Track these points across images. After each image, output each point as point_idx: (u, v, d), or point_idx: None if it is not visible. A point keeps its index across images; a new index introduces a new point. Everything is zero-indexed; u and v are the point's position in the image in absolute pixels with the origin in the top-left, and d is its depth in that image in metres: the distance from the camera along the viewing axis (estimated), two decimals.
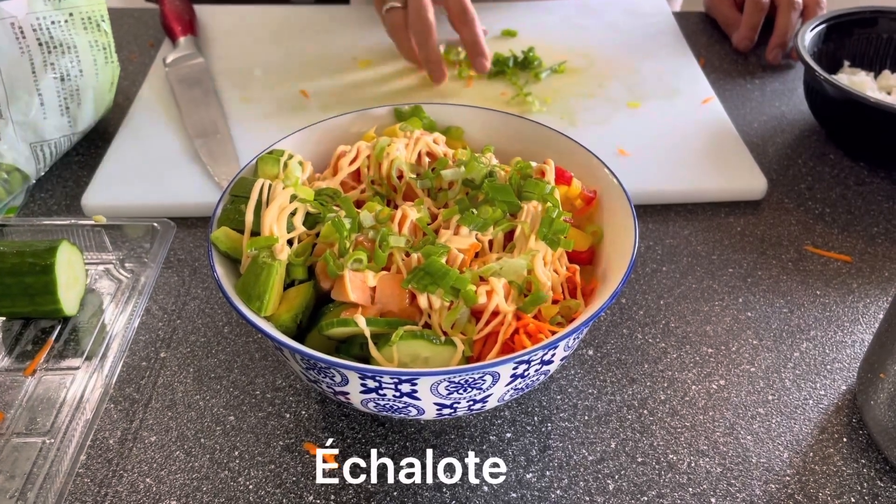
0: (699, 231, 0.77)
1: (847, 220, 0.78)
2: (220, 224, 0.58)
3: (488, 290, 0.52)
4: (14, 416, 0.59)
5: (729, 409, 0.61)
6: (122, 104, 0.94)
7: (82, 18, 0.80)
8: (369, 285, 0.53)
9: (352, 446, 0.58)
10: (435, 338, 0.51)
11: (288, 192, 0.56)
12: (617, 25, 1.08)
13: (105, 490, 0.55)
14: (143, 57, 1.06)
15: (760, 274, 0.72)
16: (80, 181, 0.84)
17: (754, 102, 0.96)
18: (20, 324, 0.66)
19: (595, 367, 0.64)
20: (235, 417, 0.60)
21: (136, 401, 0.61)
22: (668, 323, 0.68)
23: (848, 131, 0.85)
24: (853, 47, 0.93)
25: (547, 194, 0.58)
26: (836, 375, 0.63)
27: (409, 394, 0.50)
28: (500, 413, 0.60)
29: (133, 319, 0.65)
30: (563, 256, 0.57)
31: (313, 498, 0.55)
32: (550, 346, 0.49)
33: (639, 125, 0.89)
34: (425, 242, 0.56)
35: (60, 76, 0.80)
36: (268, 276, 0.52)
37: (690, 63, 1.00)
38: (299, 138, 0.66)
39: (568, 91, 0.95)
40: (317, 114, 0.91)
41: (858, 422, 0.60)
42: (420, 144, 0.63)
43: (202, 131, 0.87)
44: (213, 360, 0.64)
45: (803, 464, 0.57)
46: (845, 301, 0.70)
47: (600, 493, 0.55)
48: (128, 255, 0.72)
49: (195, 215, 0.79)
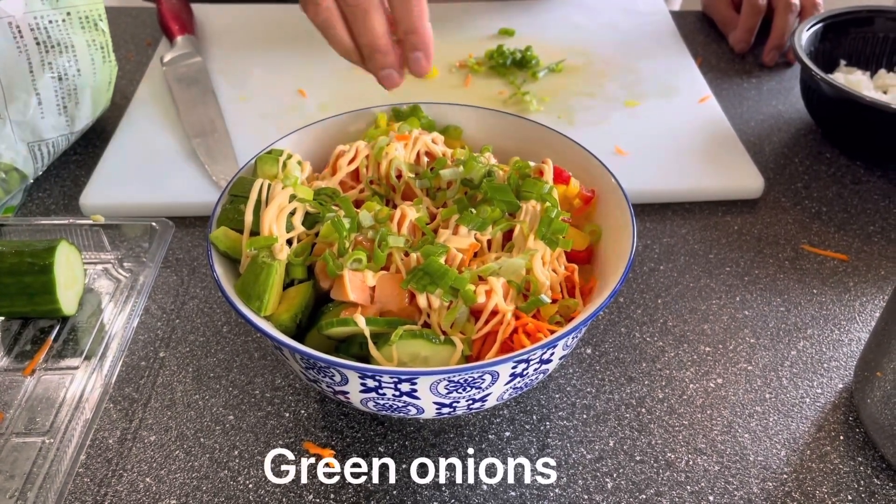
0: (696, 230, 0.77)
1: (843, 219, 0.79)
2: (219, 224, 0.58)
3: (487, 289, 0.52)
4: (13, 415, 0.59)
5: (726, 408, 0.61)
6: (119, 103, 0.94)
7: (80, 17, 0.80)
8: (368, 285, 0.53)
9: (351, 445, 0.58)
10: (434, 337, 0.51)
11: (287, 192, 0.56)
12: (615, 24, 1.09)
13: (105, 490, 0.55)
14: (141, 56, 1.06)
15: (757, 272, 0.73)
16: (77, 181, 0.84)
17: (751, 101, 0.97)
18: (19, 323, 0.66)
19: (593, 366, 0.64)
20: (235, 417, 0.60)
21: (136, 400, 0.61)
22: (665, 321, 0.68)
23: (844, 130, 0.85)
24: (849, 46, 0.93)
25: (545, 194, 0.58)
26: (832, 374, 0.63)
27: (409, 393, 0.50)
28: (498, 412, 0.61)
29: (132, 319, 0.65)
30: (561, 256, 0.57)
31: (313, 497, 0.55)
32: (549, 346, 0.49)
33: (636, 124, 0.89)
34: (424, 242, 0.56)
35: (58, 75, 0.79)
36: (267, 276, 0.52)
37: (688, 62, 1.00)
38: (297, 138, 0.66)
39: (566, 90, 0.95)
40: (314, 113, 0.91)
41: (855, 420, 0.60)
42: (419, 144, 0.63)
43: (200, 130, 0.87)
44: (212, 360, 0.65)
45: (800, 462, 0.57)
46: (842, 299, 0.70)
47: (599, 491, 0.55)
48: (126, 255, 0.72)
49: (193, 215, 0.79)
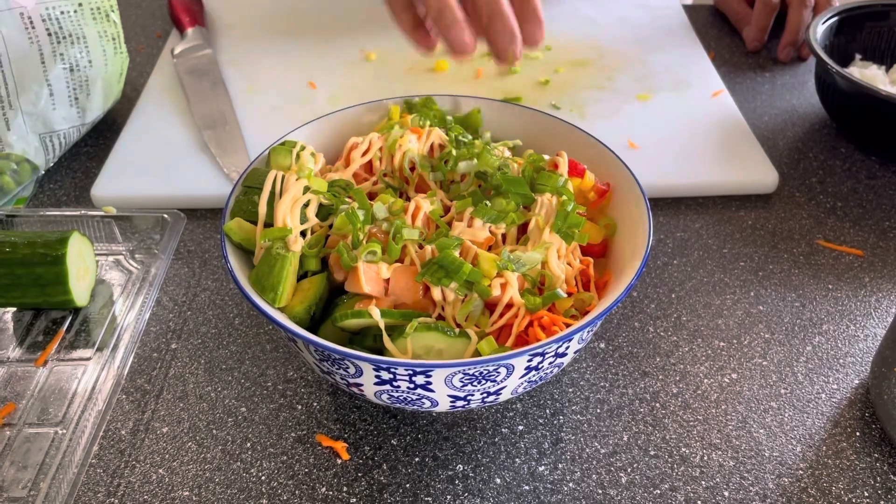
0: (710, 224, 0.77)
1: (859, 214, 0.78)
2: (232, 215, 0.57)
3: (503, 282, 0.52)
4: (26, 406, 0.59)
5: (741, 403, 0.60)
6: (130, 95, 0.94)
7: (91, 8, 0.80)
8: (383, 277, 0.53)
9: (364, 438, 0.58)
10: (449, 330, 0.51)
11: (301, 184, 0.56)
12: (627, 18, 1.08)
13: (118, 481, 0.55)
14: (151, 48, 1.05)
15: (772, 268, 0.72)
16: (88, 172, 0.83)
17: (765, 96, 0.96)
18: (31, 314, 0.66)
19: (607, 360, 0.64)
20: (247, 409, 0.60)
21: (148, 392, 0.61)
22: (679, 316, 0.67)
23: (859, 125, 0.84)
24: (864, 41, 0.92)
25: (561, 187, 0.58)
26: (848, 369, 0.63)
27: (424, 386, 0.50)
28: (511, 406, 0.60)
29: (144, 311, 0.65)
30: (576, 249, 0.57)
31: (326, 489, 0.55)
32: (565, 339, 0.49)
33: (649, 118, 0.88)
34: (439, 235, 0.56)
35: (70, 67, 0.79)
36: (282, 268, 0.52)
37: (700, 56, 1.00)
38: (310, 129, 0.66)
39: (577, 83, 0.94)
40: (324, 105, 0.90)
41: (871, 416, 0.59)
42: (433, 136, 0.63)
43: (211, 122, 0.86)
44: (224, 352, 0.64)
45: (816, 458, 0.57)
46: (857, 295, 0.69)
47: (613, 486, 0.55)
48: (138, 247, 0.72)
49: (204, 206, 0.78)
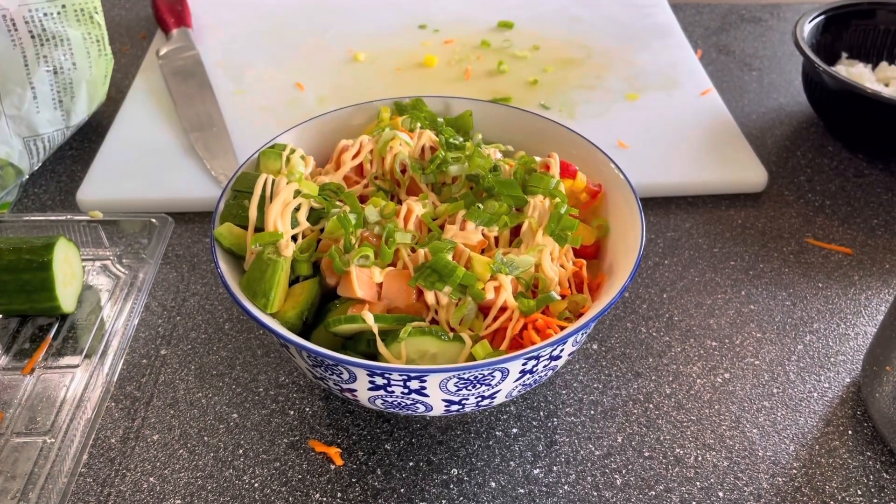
0: (700, 224, 0.77)
1: (847, 213, 0.78)
2: (222, 220, 0.57)
3: (496, 285, 0.52)
4: (13, 415, 0.58)
5: (734, 403, 0.61)
6: (115, 97, 0.93)
7: (75, 10, 0.79)
8: (376, 281, 0.52)
9: (357, 443, 0.58)
10: (443, 334, 0.50)
11: (292, 187, 0.56)
12: (614, 16, 1.08)
13: (108, 490, 0.55)
14: (136, 49, 1.04)
15: (762, 266, 0.72)
16: (74, 176, 0.82)
17: (752, 94, 0.96)
18: (17, 321, 0.65)
19: (600, 362, 0.64)
20: (239, 415, 0.59)
21: (138, 399, 0.61)
22: (671, 316, 0.67)
23: (846, 123, 0.85)
24: (851, 39, 0.93)
25: (553, 189, 0.58)
26: (839, 368, 0.63)
27: (418, 390, 0.50)
28: (505, 409, 0.60)
29: (132, 316, 0.64)
30: (569, 251, 0.57)
31: (319, 496, 0.54)
32: (560, 342, 0.49)
33: (638, 117, 0.88)
34: (431, 238, 0.55)
35: (53, 69, 0.78)
36: (273, 273, 0.52)
37: (688, 54, 1.00)
38: (299, 132, 0.65)
39: (566, 83, 0.94)
40: (313, 106, 0.90)
41: (863, 414, 0.60)
42: (423, 139, 0.62)
43: (197, 125, 0.85)
44: (214, 357, 0.64)
45: (809, 456, 0.57)
46: (847, 293, 0.70)
47: (608, 488, 0.55)
48: (125, 251, 0.71)
49: (192, 210, 0.77)
